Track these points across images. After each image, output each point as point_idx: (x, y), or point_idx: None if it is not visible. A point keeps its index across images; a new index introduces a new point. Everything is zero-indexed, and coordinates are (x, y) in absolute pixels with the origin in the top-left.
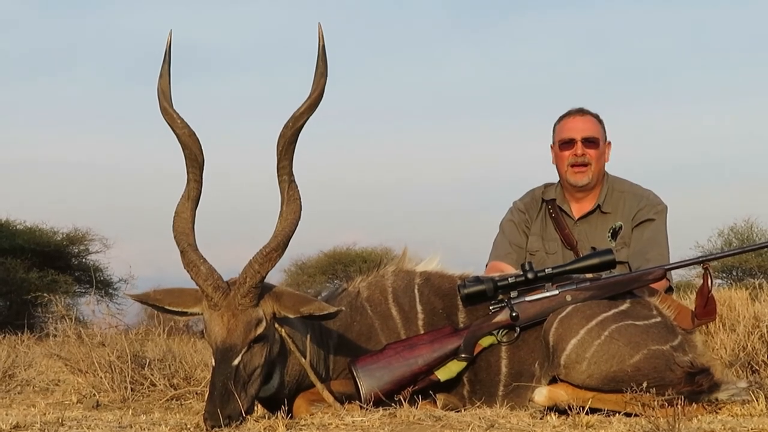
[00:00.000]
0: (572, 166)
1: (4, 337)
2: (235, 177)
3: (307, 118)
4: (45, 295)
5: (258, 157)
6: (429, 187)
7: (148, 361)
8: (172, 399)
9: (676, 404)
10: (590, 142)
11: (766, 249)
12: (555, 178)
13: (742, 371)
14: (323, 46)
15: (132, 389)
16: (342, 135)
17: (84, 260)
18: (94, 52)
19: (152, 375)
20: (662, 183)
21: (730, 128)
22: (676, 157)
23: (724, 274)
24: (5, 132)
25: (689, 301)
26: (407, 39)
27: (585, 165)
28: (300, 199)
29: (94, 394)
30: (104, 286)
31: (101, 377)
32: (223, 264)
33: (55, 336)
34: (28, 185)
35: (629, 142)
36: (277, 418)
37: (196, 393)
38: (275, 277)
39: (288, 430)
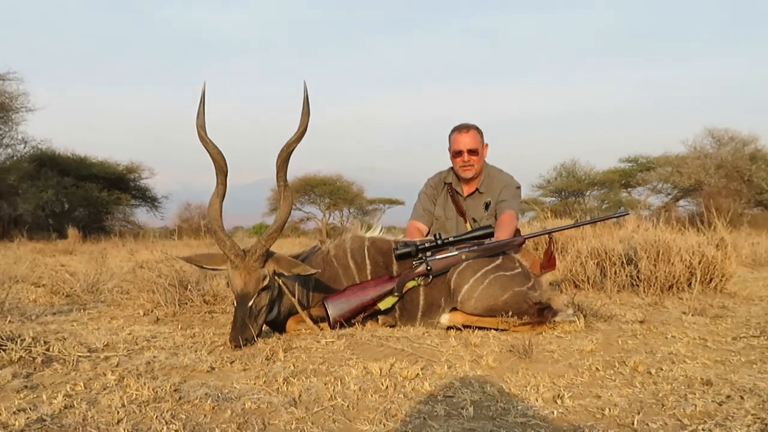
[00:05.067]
0: (461, 166)
1: (86, 238)
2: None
3: (296, 146)
4: (115, 206)
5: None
6: (378, 130)
7: (188, 284)
8: (207, 313)
9: (530, 328)
10: (472, 152)
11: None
12: None
13: (569, 286)
14: (307, 97)
15: (179, 304)
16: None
17: (138, 183)
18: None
19: (192, 295)
20: (504, 131)
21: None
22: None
23: (556, 194)
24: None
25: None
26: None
27: (470, 165)
28: (291, 196)
29: (154, 310)
30: (152, 201)
31: (158, 297)
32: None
33: (121, 236)
34: (99, 129)
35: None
36: (276, 344)
37: (222, 311)
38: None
39: (284, 352)
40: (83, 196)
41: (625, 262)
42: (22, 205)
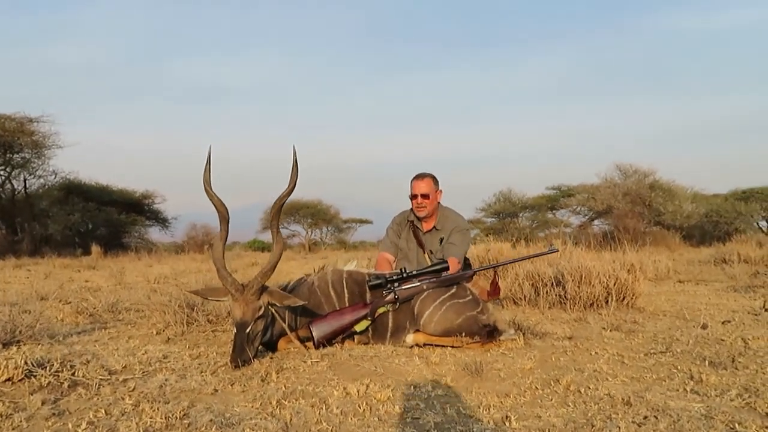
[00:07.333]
0: (416, 207)
1: (107, 254)
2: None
3: (286, 200)
4: (131, 226)
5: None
6: (348, 165)
7: (195, 305)
8: (211, 332)
9: (480, 346)
10: (425, 196)
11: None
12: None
13: (509, 303)
14: (296, 160)
15: (187, 324)
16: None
17: (151, 207)
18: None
19: (197, 316)
20: (457, 167)
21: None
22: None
23: (495, 215)
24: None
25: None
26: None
27: (423, 207)
28: (283, 241)
29: (165, 330)
30: (163, 221)
31: (169, 318)
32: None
33: (137, 251)
34: (120, 160)
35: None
36: (270, 365)
37: (223, 330)
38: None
39: (277, 373)
40: (105, 218)
41: (554, 283)
42: (52, 225)
